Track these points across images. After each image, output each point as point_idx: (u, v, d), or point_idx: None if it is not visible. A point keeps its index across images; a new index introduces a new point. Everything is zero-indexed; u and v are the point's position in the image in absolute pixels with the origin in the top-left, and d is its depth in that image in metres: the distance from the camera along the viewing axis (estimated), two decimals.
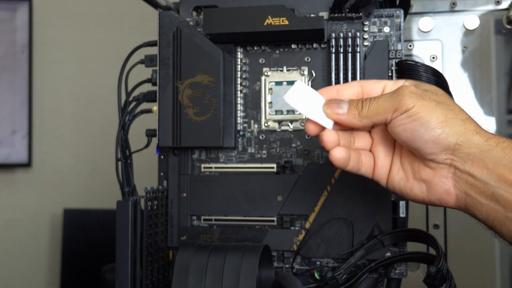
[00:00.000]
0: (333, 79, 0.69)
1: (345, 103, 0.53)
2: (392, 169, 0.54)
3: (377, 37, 0.69)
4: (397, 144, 0.55)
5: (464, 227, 0.92)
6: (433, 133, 0.48)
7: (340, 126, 0.54)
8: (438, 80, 0.66)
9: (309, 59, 0.71)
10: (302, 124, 0.71)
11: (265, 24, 0.67)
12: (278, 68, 0.72)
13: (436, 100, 0.49)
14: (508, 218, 0.47)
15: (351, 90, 0.55)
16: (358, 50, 0.69)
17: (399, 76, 0.67)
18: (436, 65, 0.90)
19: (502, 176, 0.47)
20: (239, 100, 0.72)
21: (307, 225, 0.69)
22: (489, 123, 0.93)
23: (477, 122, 0.50)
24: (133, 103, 0.74)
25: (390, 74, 0.68)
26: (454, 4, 0.91)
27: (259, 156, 0.72)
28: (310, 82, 0.71)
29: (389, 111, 0.50)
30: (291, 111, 0.71)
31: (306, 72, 0.71)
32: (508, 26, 0.90)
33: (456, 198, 0.50)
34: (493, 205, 0.47)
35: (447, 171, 0.50)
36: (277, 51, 0.72)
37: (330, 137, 0.52)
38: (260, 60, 0.72)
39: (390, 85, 0.55)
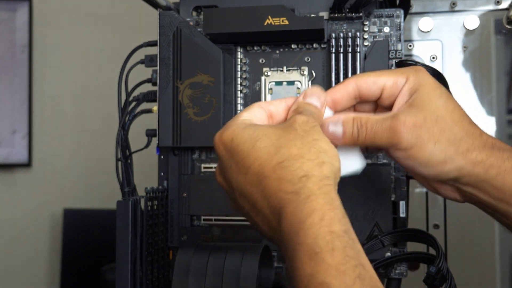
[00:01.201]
0: (333, 79, 0.69)
1: (339, 126, 0.50)
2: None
3: (377, 37, 0.69)
4: None
5: (464, 227, 0.92)
6: (434, 172, 0.49)
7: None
8: (439, 80, 0.66)
9: (309, 59, 0.71)
10: None
11: (265, 24, 0.67)
12: (278, 68, 0.72)
13: (435, 137, 0.48)
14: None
15: (346, 91, 0.52)
16: (358, 50, 0.69)
17: None
18: (436, 65, 0.90)
19: (503, 200, 0.49)
20: (239, 100, 0.72)
21: None
22: (489, 123, 0.93)
23: (481, 145, 0.49)
24: (133, 103, 0.74)
25: None
26: (454, 4, 0.91)
27: None
28: (310, 82, 0.71)
29: (386, 144, 0.49)
30: None
31: (306, 72, 0.71)
32: (508, 26, 0.90)
33: (465, 201, 0.52)
34: (498, 215, 0.50)
35: (452, 187, 0.52)
36: (277, 51, 0.72)
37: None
38: (260, 60, 0.72)
39: (389, 86, 0.51)
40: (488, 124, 0.93)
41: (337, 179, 0.45)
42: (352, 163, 0.52)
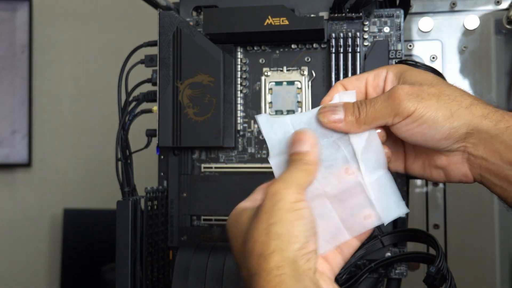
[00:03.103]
0: (333, 79, 0.69)
1: (340, 109, 0.50)
2: (407, 161, 0.54)
3: (377, 37, 0.69)
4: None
5: (464, 227, 0.92)
6: (443, 131, 0.48)
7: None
8: None
9: (309, 59, 0.71)
10: None
11: (265, 24, 0.67)
12: (278, 68, 0.72)
13: (435, 94, 0.48)
14: None
15: (335, 93, 0.52)
16: (358, 50, 0.69)
17: None
18: (436, 65, 0.90)
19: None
20: (239, 100, 0.72)
21: None
22: None
23: (482, 103, 0.49)
24: (133, 103, 0.74)
25: None
26: (454, 4, 0.91)
27: (259, 156, 0.72)
28: (310, 82, 0.71)
29: (389, 116, 0.48)
30: (291, 111, 0.71)
31: (306, 72, 0.71)
32: (508, 26, 0.90)
33: (474, 179, 0.51)
34: (506, 186, 0.48)
35: (461, 157, 0.50)
36: (277, 51, 0.72)
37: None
38: (260, 60, 0.72)
39: (371, 79, 0.52)
40: None
41: (297, 259, 0.43)
42: (393, 208, 0.48)
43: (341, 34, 0.69)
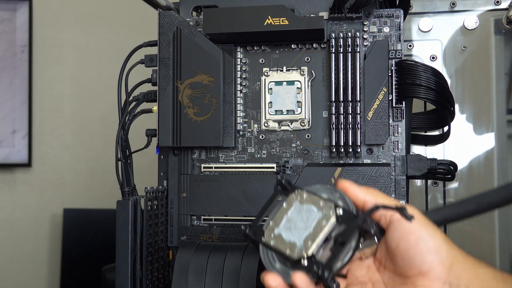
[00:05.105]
0: (332, 79, 0.69)
1: None
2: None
3: (377, 37, 0.69)
4: (382, 277, 0.52)
5: (464, 227, 0.92)
6: (437, 241, 0.48)
7: None
8: (438, 80, 0.66)
9: (309, 59, 0.71)
10: (302, 124, 0.71)
11: (265, 24, 0.67)
12: (278, 68, 0.72)
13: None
14: None
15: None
16: (358, 50, 0.69)
17: (399, 76, 0.67)
18: (436, 65, 0.90)
19: None
20: (239, 100, 0.72)
21: None
22: (489, 123, 0.93)
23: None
24: (133, 103, 0.74)
25: (390, 74, 0.68)
26: (454, 4, 0.91)
27: (259, 156, 0.72)
28: (310, 81, 0.71)
29: None
30: (291, 111, 0.71)
31: (306, 72, 0.71)
32: (507, 26, 0.90)
33: None
34: None
35: (442, 287, 0.48)
36: (277, 51, 0.72)
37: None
38: (260, 60, 0.73)
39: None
40: (488, 124, 0.93)
41: None
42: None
43: (341, 34, 0.69)
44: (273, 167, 0.71)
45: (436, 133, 0.84)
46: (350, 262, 0.50)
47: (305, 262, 0.47)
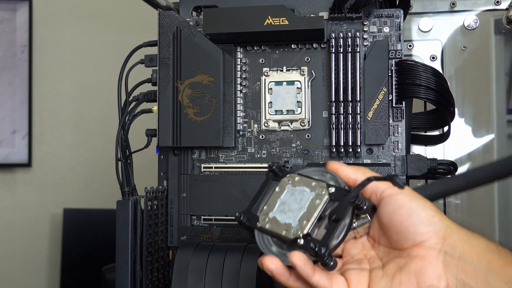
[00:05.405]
0: (332, 79, 0.69)
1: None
2: (372, 282, 0.50)
3: (377, 37, 0.69)
4: (377, 253, 0.52)
5: (464, 227, 0.92)
6: (429, 212, 0.48)
7: None
8: (438, 80, 0.66)
9: (309, 59, 0.71)
10: (302, 124, 0.71)
11: (265, 24, 0.67)
12: (278, 68, 0.72)
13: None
14: None
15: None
16: (358, 50, 0.69)
17: (399, 76, 0.67)
18: (436, 65, 0.90)
19: (491, 261, 0.47)
20: (239, 100, 0.72)
21: None
22: (489, 123, 0.93)
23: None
24: (133, 103, 0.74)
25: (390, 74, 0.68)
26: (454, 4, 0.91)
27: (259, 156, 0.72)
28: (310, 81, 0.71)
29: None
30: (291, 111, 0.71)
31: (306, 72, 0.71)
32: (507, 26, 0.90)
33: (446, 285, 0.47)
34: None
35: (437, 256, 0.48)
36: (277, 51, 0.72)
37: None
38: (260, 60, 0.73)
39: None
40: (488, 124, 0.93)
41: None
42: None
43: (341, 34, 0.69)
44: None
45: (436, 133, 0.84)
46: (345, 241, 0.50)
47: (301, 241, 0.48)
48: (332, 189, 0.49)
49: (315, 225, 0.49)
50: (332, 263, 0.48)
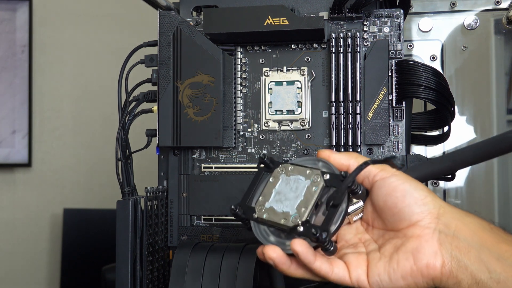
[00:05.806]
0: (333, 79, 0.69)
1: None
2: (371, 264, 0.50)
3: (377, 37, 0.69)
4: (372, 236, 0.53)
5: None
6: (422, 193, 0.49)
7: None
8: (438, 80, 0.66)
9: (309, 59, 0.71)
10: (303, 124, 0.71)
11: (265, 24, 0.67)
12: (278, 68, 0.72)
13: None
14: (492, 279, 0.47)
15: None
16: (358, 50, 0.69)
17: (399, 76, 0.67)
18: (436, 65, 0.90)
19: (483, 238, 0.48)
20: (239, 100, 0.72)
21: None
22: (489, 123, 0.93)
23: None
24: (133, 103, 0.74)
25: (390, 74, 0.68)
26: (454, 4, 0.91)
27: (259, 156, 0.72)
28: (310, 81, 0.71)
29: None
30: (291, 111, 0.71)
31: (306, 72, 0.71)
32: (507, 26, 0.90)
33: (442, 262, 0.48)
34: (477, 266, 0.47)
35: (432, 235, 0.49)
36: (277, 51, 0.72)
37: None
38: (260, 60, 0.73)
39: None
40: (488, 124, 0.93)
41: None
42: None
43: (341, 34, 0.69)
44: None
45: (436, 133, 0.84)
46: (341, 227, 0.51)
47: (301, 228, 0.48)
48: (327, 176, 0.50)
49: (312, 212, 0.50)
50: (332, 248, 0.48)
